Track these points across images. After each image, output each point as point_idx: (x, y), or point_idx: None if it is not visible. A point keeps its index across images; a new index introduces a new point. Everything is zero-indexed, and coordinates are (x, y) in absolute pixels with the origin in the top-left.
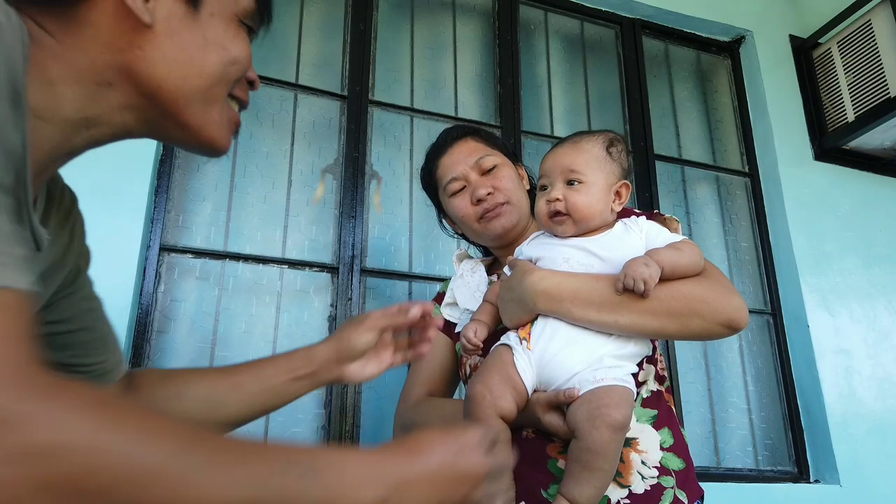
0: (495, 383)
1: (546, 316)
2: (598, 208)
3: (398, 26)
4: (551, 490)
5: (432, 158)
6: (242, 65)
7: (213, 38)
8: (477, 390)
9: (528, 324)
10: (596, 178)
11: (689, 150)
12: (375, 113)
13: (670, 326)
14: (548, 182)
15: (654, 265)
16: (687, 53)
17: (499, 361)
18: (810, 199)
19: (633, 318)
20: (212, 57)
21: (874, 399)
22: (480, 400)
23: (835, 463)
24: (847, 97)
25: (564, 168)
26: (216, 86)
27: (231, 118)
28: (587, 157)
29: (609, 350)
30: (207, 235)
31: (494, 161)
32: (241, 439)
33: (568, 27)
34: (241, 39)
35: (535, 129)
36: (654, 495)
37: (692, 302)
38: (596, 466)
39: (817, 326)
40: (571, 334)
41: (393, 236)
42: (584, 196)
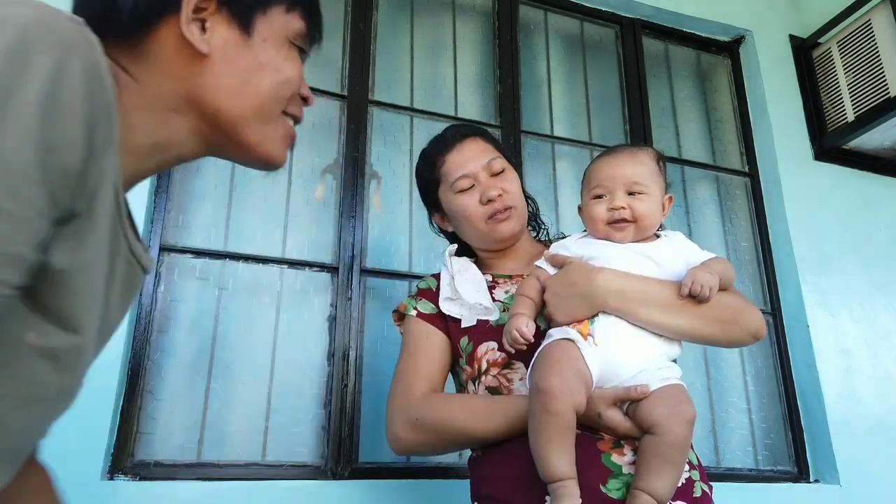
0: (570, 376)
1: (608, 314)
2: (657, 218)
3: (398, 26)
4: (610, 484)
5: (437, 153)
6: (295, 84)
7: (267, 61)
8: (555, 384)
9: (585, 321)
10: (654, 190)
11: (689, 150)
12: (375, 113)
13: (717, 333)
14: (606, 191)
15: (715, 275)
16: (687, 53)
17: (567, 355)
18: (810, 199)
19: (691, 321)
20: (266, 79)
21: (874, 399)
22: (560, 394)
23: (834, 463)
24: (847, 97)
25: (627, 179)
26: (271, 105)
27: (286, 133)
28: (646, 170)
29: (664, 351)
30: (207, 235)
31: (503, 165)
32: None
33: (568, 27)
34: (292, 60)
35: (535, 129)
36: (688, 488)
37: (734, 312)
38: (675, 459)
39: (817, 326)
40: (634, 333)
41: (393, 236)
42: (647, 205)
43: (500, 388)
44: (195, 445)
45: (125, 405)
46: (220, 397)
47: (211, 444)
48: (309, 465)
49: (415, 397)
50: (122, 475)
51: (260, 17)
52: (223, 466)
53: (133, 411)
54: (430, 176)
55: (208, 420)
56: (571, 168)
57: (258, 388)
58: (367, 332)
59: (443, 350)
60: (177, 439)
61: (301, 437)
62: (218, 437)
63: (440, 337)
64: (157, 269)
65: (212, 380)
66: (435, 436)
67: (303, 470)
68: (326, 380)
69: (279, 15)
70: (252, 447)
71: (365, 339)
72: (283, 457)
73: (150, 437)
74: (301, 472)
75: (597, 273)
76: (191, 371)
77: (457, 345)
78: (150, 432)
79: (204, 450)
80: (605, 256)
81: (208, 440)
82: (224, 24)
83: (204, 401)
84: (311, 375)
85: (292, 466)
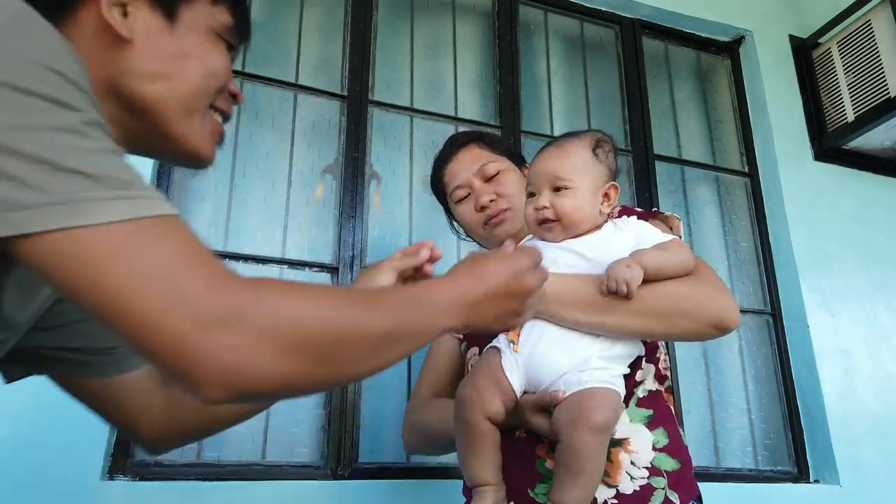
0: (483, 385)
1: (535, 318)
2: (586, 212)
3: (398, 26)
4: (538, 489)
5: (439, 166)
6: (221, 77)
7: (192, 51)
8: (465, 393)
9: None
10: (582, 183)
11: (689, 151)
12: (375, 113)
13: (657, 327)
14: (535, 189)
15: (636, 267)
16: (687, 53)
17: (487, 364)
18: (810, 199)
19: (620, 319)
20: (190, 68)
21: (874, 399)
22: (468, 402)
23: (834, 463)
24: (847, 97)
25: (550, 174)
26: (196, 97)
27: (214, 129)
28: (573, 162)
29: (596, 351)
30: (207, 235)
31: (498, 167)
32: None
33: (568, 27)
34: (219, 52)
35: (535, 129)
36: (643, 496)
37: (679, 302)
38: (579, 469)
39: (817, 326)
40: (559, 335)
41: (393, 236)
42: (571, 201)
43: None
44: (195, 445)
45: None
46: None
47: (211, 444)
48: (309, 465)
49: (416, 402)
50: (122, 475)
51: (184, 4)
52: (223, 466)
53: None
54: (436, 188)
55: None
56: None
57: None
58: None
59: (451, 356)
60: None
61: (301, 437)
62: (218, 436)
63: (453, 343)
64: None
65: None
66: (426, 438)
67: (303, 470)
68: None
69: (205, 5)
70: (252, 447)
71: None
72: (283, 457)
73: None
74: (301, 472)
75: None
76: None
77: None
78: None
79: (204, 450)
80: None
81: (208, 440)
82: (146, 9)
83: None
84: None
85: (292, 466)
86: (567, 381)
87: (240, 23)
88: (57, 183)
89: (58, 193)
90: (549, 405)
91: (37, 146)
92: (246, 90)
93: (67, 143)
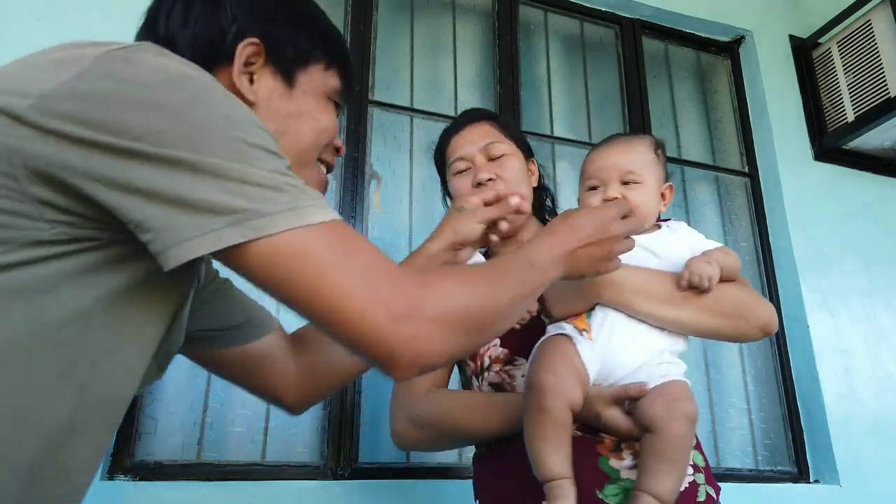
0: (564, 373)
1: (605, 307)
2: (653, 208)
3: (398, 26)
4: (607, 490)
5: (446, 135)
6: (330, 133)
7: (307, 111)
8: (547, 379)
9: (582, 315)
10: (649, 179)
11: (689, 150)
12: (375, 113)
13: (724, 326)
14: (599, 182)
15: (715, 264)
16: (686, 53)
17: (561, 351)
18: (810, 199)
19: (693, 314)
20: (305, 127)
21: (874, 399)
22: (550, 390)
23: (834, 463)
24: (847, 97)
25: (620, 168)
26: (308, 151)
27: (320, 179)
28: (641, 159)
29: (665, 345)
30: None
31: (504, 150)
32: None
33: (568, 27)
34: (329, 112)
35: (535, 129)
36: (691, 492)
37: (740, 304)
38: (675, 458)
39: (817, 326)
40: (632, 327)
41: (393, 236)
42: (641, 195)
43: (502, 384)
44: (195, 446)
45: None
46: (220, 397)
47: (211, 445)
48: (309, 465)
49: (417, 393)
50: (122, 475)
51: (301, 71)
52: (223, 466)
53: (133, 411)
54: (438, 159)
55: (208, 420)
56: (571, 168)
57: None
58: None
59: None
60: (177, 439)
61: (301, 438)
62: (218, 437)
63: None
64: None
65: (212, 380)
66: (434, 432)
67: (303, 470)
68: None
69: (318, 71)
70: (252, 447)
71: None
72: (283, 457)
73: (150, 437)
74: (301, 472)
75: None
76: (191, 371)
77: None
78: (149, 432)
79: (204, 450)
80: None
81: (208, 440)
82: (270, 76)
83: (204, 401)
84: None
85: (292, 466)
86: (647, 373)
87: (346, 86)
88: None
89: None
90: (633, 398)
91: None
92: None
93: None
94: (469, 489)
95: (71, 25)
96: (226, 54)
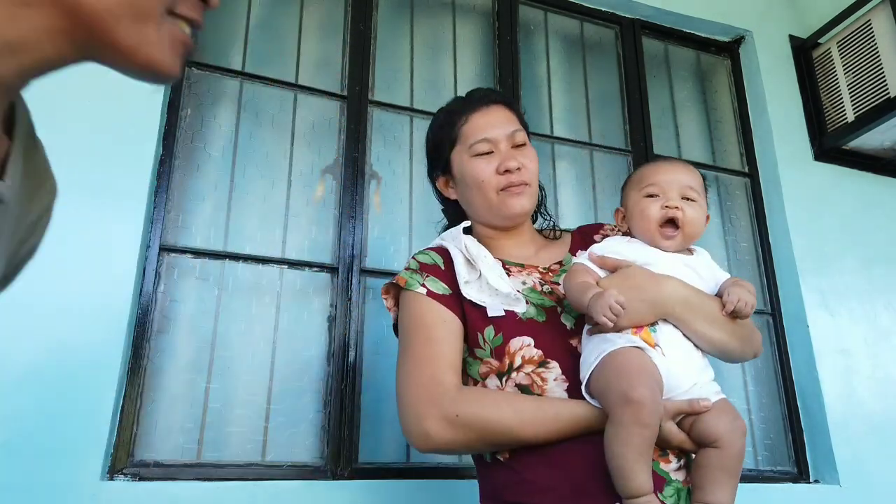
0: (656, 388)
1: (667, 323)
2: (701, 227)
3: (398, 26)
4: (666, 492)
5: (460, 111)
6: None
7: None
8: (647, 395)
9: (645, 328)
10: (702, 201)
11: (689, 151)
12: (375, 113)
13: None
14: (660, 191)
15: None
16: (686, 53)
17: (647, 365)
18: (810, 199)
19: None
20: None
21: (874, 399)
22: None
23: (834, 463)
24: (847, 97)
25: (682, 184)
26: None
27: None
28: (699, 182)
29: (705, 364)
30: (207, 236)
31: (526, 139)
32: None
33: (568, 27)
34: None
35: (535, 130)
36: None
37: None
38: (737, 471)
39: (817, 326)
40: (685, 345)
41: (393, 236)
42: (698, 213)
43: (531, 386)
44: (195, 445)
45: (125, 405)
46: (219, 397)
47: (211, 445)
48: (309, 465)
49: (448, 389)
50: (122, 475)
51: None
52: (223, 466)
53: (133, 411)
54: (446, 133)
55: (208, 420)
56: (571, 168)
57: (258, 389)
58: (367, 333)
59: (460, 338)
60: (177, 439)
61: (301, 438)
62: (218, 437)
63: (457, 324)
64: (157, 269)
65: (211, 380)
66: (475, 434)
67: (303, 470)
68: (326, 380)
69: None
70: (252, 447)
71: (365, 339)
72: (283, 457)
73: (150, 438)
74: (301, 472)
75: (665, 280)
76: (190, 371)
77: (476, 334)
78: (150, 432)
79: (204, 450)
80: (656, 263)
81: (208, 440)
82: None
83: (204, 401)
84: (311, 375)
85: (292, 466)
86: (706, 390)
87: None
88: None
89: None
90: (696, 413)
91: None
92: (246, 90)
93: None
94: (469, 489)
95: None
96: None
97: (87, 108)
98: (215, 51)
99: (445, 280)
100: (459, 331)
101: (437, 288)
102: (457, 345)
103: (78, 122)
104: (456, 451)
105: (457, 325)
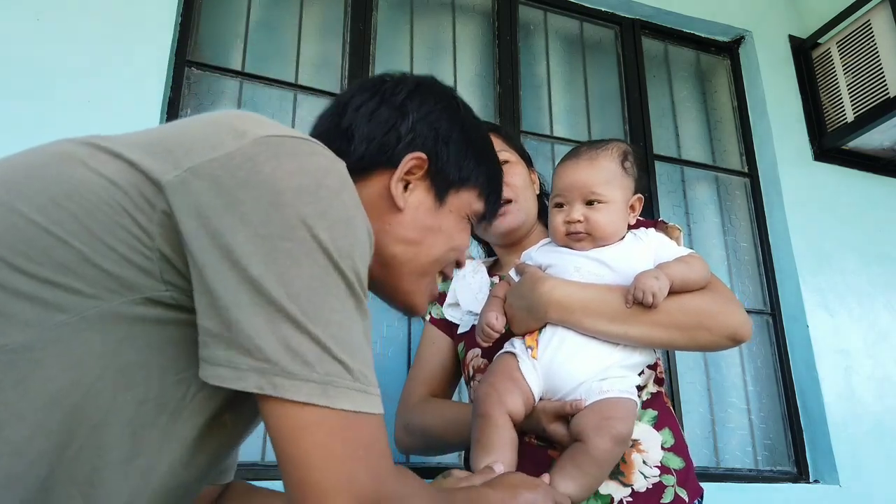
0: (501, 386)
1: (555, 325)
2: (617, 226)
3: (398, 26)
4: None
5: None
6: (460, 251)
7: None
8: (483, 390)
9: (536, 331)
10: (615, 196)
11: (689, 151)
12: None
13: (679, 339)
14: (565, 200)
15: (663, 278)
16: (686, 54)
17: (503, 367)
18: (810, 199)
19: (643, 330)
20: (440, 241)
21: (874, 399)
22: (486, 398)
23: (834, 463)
24: (846, 97)
25: (583, 188)
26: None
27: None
28: (605, 176)
29: (616, 360)
30: None
31: (508, 157)
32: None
33: (567, 27)
34: (465, 231)
35: (535, 130)
36: (655, 493)
37: (700, 315)
38: (588, 471)
39: (817, 326)
40: (579, 343)
41: None
42: (605, 216)
43: None
44: None
45: None
46: None
47: None
48: None
49: (410, 402)
50: None
51: (454, 193)
52: None
53: None
54: None
55: None
56: None
57: None
58: None
59: (445, 354)
60: None
61: None
62: None
63: (446, 342)
64: None
65: None
66: (421, 439)
67: None
68: None
69: (470, 196)
70: (252, 447)
71: None
72: None
73: None
74: None
75: (541, 283)
76: None
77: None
78: None
79: None
80: (560, 264)
81: None
82: (424, 189)
83: None
84: None
85: None
86: (587, 389)
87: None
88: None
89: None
90: (570, 414)
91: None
92: (246, 90)
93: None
94: None
95: (70, 25)
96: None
97: (88, 109)
98: (215, 51)
99: None
100: (447, 349)
101: (437, 313)
102: (437, 362)
103: (78, 125)
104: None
105: (445, 343)
